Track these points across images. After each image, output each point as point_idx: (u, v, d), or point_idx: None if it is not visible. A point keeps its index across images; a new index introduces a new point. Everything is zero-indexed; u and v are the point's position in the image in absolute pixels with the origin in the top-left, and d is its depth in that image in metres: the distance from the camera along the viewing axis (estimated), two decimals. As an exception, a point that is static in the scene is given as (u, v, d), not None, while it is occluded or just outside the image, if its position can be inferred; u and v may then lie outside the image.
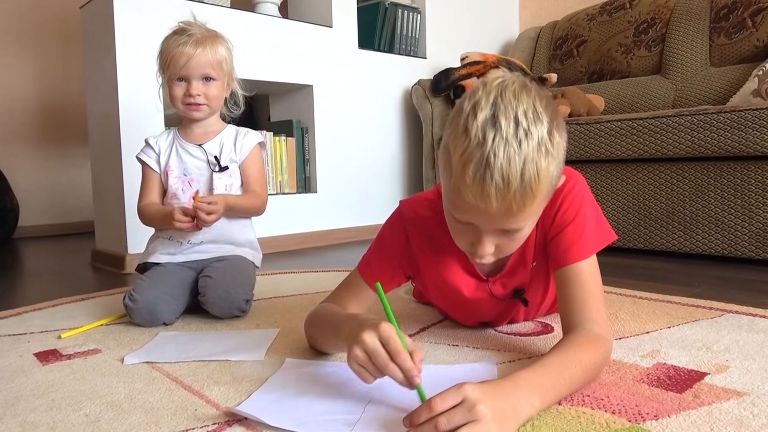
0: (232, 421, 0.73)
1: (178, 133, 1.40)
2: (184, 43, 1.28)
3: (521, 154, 0.69)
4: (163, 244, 1.36)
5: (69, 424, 0.74)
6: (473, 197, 0.72)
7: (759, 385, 0.78)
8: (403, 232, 0.99)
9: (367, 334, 0.71)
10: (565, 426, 0.68)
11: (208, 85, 1.32)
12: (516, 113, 0.70)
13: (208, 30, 1.34)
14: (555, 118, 0.74)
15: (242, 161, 1.39)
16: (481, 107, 0.71)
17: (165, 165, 1.37)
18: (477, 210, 0.73)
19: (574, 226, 0.88)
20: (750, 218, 1.74)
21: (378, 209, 2.73)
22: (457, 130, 0.73)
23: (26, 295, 1.66)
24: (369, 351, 0.70)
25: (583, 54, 2.80)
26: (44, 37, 3.36)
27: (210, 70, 1.30)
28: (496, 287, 1.00)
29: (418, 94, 2.69)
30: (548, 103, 0.74)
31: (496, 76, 0.76)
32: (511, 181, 0.70)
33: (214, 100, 1.34)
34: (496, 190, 0.70)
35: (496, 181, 0.70)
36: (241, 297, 1.26)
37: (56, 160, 3.43)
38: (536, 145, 0.70)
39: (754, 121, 1.69)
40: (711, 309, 1.20)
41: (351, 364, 0.72)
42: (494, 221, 0.75)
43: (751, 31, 2.29)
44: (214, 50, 1.30)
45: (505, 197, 0.71)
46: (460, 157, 0.71)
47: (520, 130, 0.70)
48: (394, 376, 0.69)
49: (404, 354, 0.69)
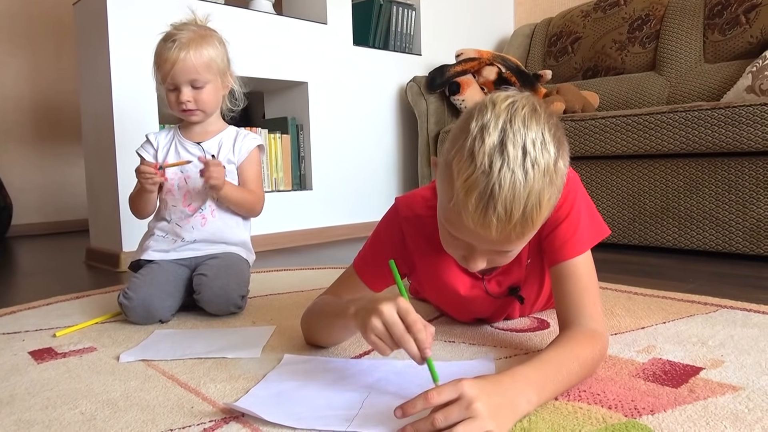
0: (228, 418, 0.73)
1: (179, 130, 1.40)
2: (168, 48, 1.25)
3: (527, 187, 0.68)
4: (156, 241, 1.35)
5: (64, 423, 0.74)
6: (473, 224, 0.71)
7: (754, 380, 0.79)
8: (399, 229, 0.99)
9: (386, 306, 0.72)
10: (562, 421, 0.68)
11: (198, 90, 1.29)
12: (524, 142, 0.68)
13: (197, 30, 1.30)
14: (561, 145, 0.73)
15: (240, 163, 1.38)
16: (489, 132, 0.69)
17: (162, 161, 1.37)
18: (475, 234, 0.73)
19: (568, 222, 0.89)
20: (744, 214, 1.75)
21: (373, 206, 2.73)
22: (463, 151, 0.70)
23: (20, 294, 1.65)
24: (387, 322, 0.71)
25: (578, 51, 2.81)
26: (37, 35, 3.34)
27: (196, 75, 1.27)
28: (492, 285, 1.00)
29: (413, 91, 2.69)
30: (556, 128, 0.73)
31: (507, 95, 0.73)
32: (513, 213, 0.69)
33: (207, 104, 1.32)
34: (498, 221, 0.69)
35: (498, 212, 0.69)
36: (236, 293, 1.26)
37: (50, 159, 3.41)
38: (541, 176, 0.69)
39: (747, 117, 1.69)
40: (706, 304, 1.20)
41: (368, 336, 0.73)
42: (490, 245, 0.76)
43: (744, 27, 2.29)
44: (198, 54, 1.26)
45: (505, 228, 0.70)
46: (464, 182, 0.69)
47: (527, 160, 0.68)
48: (408, 347, 0.70)
49: (420, 325, 0.70)
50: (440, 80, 2.62)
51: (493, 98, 0.73)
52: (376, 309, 0.72)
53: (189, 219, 1.34)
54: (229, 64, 1.36)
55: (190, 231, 1.34)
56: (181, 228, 1.34)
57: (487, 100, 0.73)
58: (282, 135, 2.47)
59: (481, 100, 0.75)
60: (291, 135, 2.50)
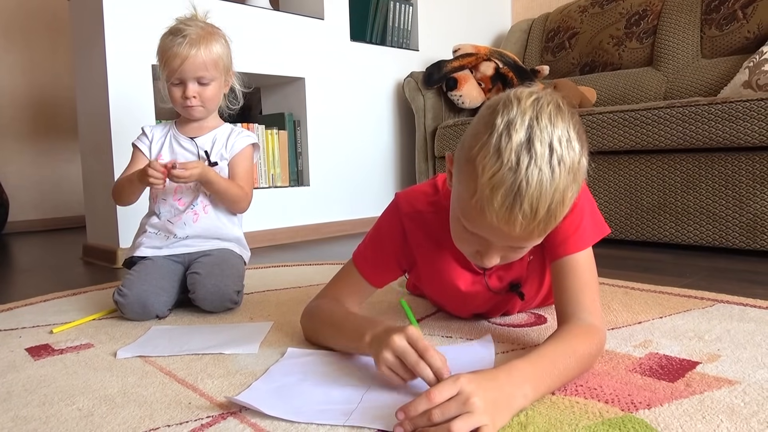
0: (226, 413, 0.73)
1: (175, 125, 1.40)
2: (178, 44, 1.25)
3: (553, 184, 0.68)
4: (149, 238, 1.35)
5: (62, 419, 0.74)
6: (497, 221, 0.70)
7: (750, 374, 0.79)
8: (400, 225, 0.99)
9: (396, 337, 0.73)
10: (559, 415, 0.68)
11: (204, 86, 1.30)
12: (551, 139, 0.68)
13: (205, 27, 1.31)
14: (584, 142, 0.73)
15: (232, 158, 1.37)
16: (516, 129, 0.68)
17: (156, 153, 1.37)
18: (497, 231, 0.72)
19: (571, 218, 0.88)
20: (741, 209, 1.75)
21: (371, 202, 2.73)
22: (488, 148, 0.69)
23: (17, 291, 1.64)
24: (399, 352, 0.72)
25: (575, 46, 2.81)
26: (32, 31, 3.32)
27: (204, 72, 1.28)
28: (492, 280, 1.00)
29: (411, 86, 2.68)
30: (580, 126, 0.73)
31: (531, 92, 0.72)
32: (539, 211, 0.69)
33: (210, 101, 1.33)
34: (523, 218, 0.69)
35: (524, 209, 0.68)
36: (232, 289, 1.25)
37: (46, 155, 3.40)
38: (567, 174, 0.69)
39: (744, 112, 1.69)
40: (702, 299, 1.21)
41: (381, 368, 0.74)
42: (510, 241, 0.76)
43: (741, 22, 2.29)
44: (208, 51, 1.28)
45: (530, 225, 0.70)
46: (490, 179, 0.68)
47: (554, 157, 0.68)
48: (424, 374, 0.70)
49: (432, 351, 0.71)
50: (437, 76, 2.61)
51: (518, 94, 0.72)
52: (386, 341, 0.73)
53: (181, 215, 1.33)
54: (231, 63, 1.37)
55: (182, 227, 1.34)
56: (173, 225, 1.34)
57: (512, 96, 0.72)
58: (279, 131, 2.46)
59: (503, 95, 0.74)
60: (288, 131, 2.50)
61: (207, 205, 1.35)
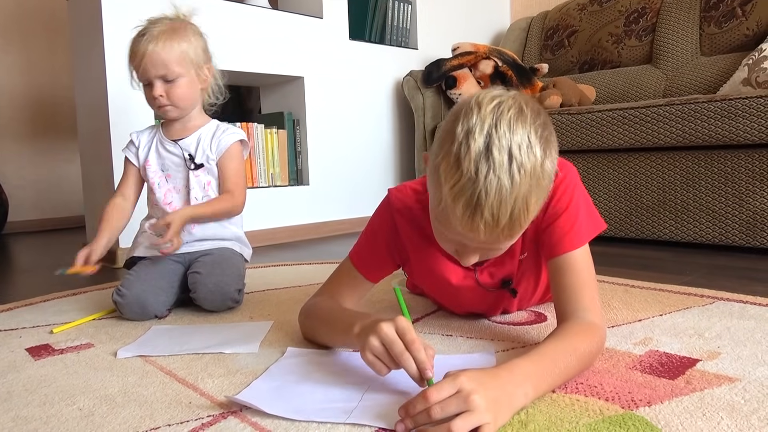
0: (226, 413, 0.73)
1: (161, 128, 1.38)
2: (138, 42, 1.23)
3: (513, 192, 0.69)
4: (149, 239, 1.35)
5: (62, 419, 0.74)
6: (461, 227, 0.72)
7: (750, 371, 0.79)
8: (392, 220, 1.00)
9: (385, 325, 0.72)
10: (559, 413, 0.68)
11: (171, 84, 1.25)
12: (510, 146, 0.68)
13: (172, 23, 1.26)
14: (548, 144, 0.73)
15: (219, 158, 1.34)
16: (475, 137, 0.69)
17: (144, 160, 1.35)
18: (465, 236, 0.74)
19: (566, 216, 0.89)
20: (740, 206, 1.75)
21: (370, 201, 2.72)
22: (449, 157, 0.71)
23: (17, 291, 1.64)
24: (386, 341, 0.71)
25: (574, 44, 2.80)
26: (30, 31, 3.32)
27: (165, 69, 1.23)
28: (483, 276, 1.00)
29: (410, 85, 2.68)
30: (543, 128, 0.72)
31: (493, 96, 0.72)
32: (500, 219, 0.70)
33: (182, 100, 1.28)
34: (485, 226, 0.71)
35: (486, 218, 0.70)
36: (233, 288, 1.25)
37: (45, 155, 3.40)
38: (528, 180, 0.69)
39: (744, 109, 1.69)
40: (702, 297, 1.21)
41: (366, 355, 0.73)
42: (479, 244, 0.77)
43: (740, 20, 2.29)
44: (168, 46, 1.22)
45: (493, 231, 0.71)
46: (451, 189, 0.70)
47: (514, 165, 0.68)
48: (407, 366, 0.69)
49: (419, 344, 0.70)
50: (437, 74, 2.61)
51: (479, 99, 0.72)
52: (374, 328, 0.72)
53: None
54: (207, 57, 1.32)
55: (180, 232, 1.33)
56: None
57: (473, 102, 0.72)
58: (278, 130, 2.46)
59: (467, 99, 0.74)
60: (287, 130, 2.50)
61: None
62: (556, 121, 2.14)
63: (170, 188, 1.34)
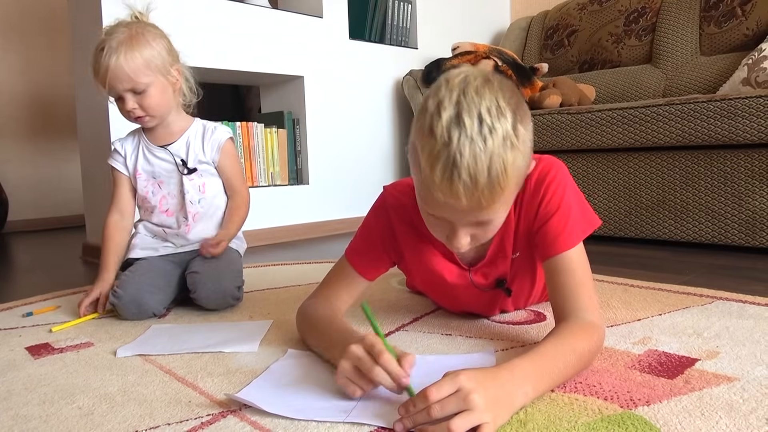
0: (226, 411, 0.73)
1: (144, 134, 1.34)
2: (99, 58, 1.19)
3: (487, 152, 0.70)
4: (144, 240, 1.35)
5: (62, 417, 0.74)
6: (443, 195, 0.73)
7: (749, 371, 0.79)
8: (387, 218, 1.01)
9: (353, 346, 0.72)
10: (558, 413, 0.68)
11: (141, 96, 1.21)
12: (479, 110, 0.70)
13: (128, 31, 1.20)
14: (519, 110, 0.74)
15: (218, 162, 1.34)
16: (445, 107, 0.71)
17: (133, 169, 1.33)
18: (448, 206, 0.74)
19: (558, 216, 0.89)
20: (739, 206, 1.75)
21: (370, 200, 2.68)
22: (423, 129, 0.73)
23: (17, 290, 1.64)
24: (355, 360, 0.71)
25: (574, 44, 2.80)
26: (30, 30, 3.32)
27: (132, 82, 1.19)
28: (477, 277, 1.00)
29: (410, 84, 2.68)
30: (512, 95, 0.74)
31: (459, 72, 0.75)
32: (478, 179, 0.70)
33: (157, 107, 1.24)
34: (464, 188, 0.71)
35: (464, 179, 0.70)
36: (232, 286, 1.25)
37: (45, 154, 3.40)
38: (501, 141, 0.70)
39: (743, 109, 1.69)
40: (701, 296, 1.21)
41: (338, 380, 0.73)
42: (466, 215, 0.76)
43: (740, 20, 2.29)
44: (130, 58, 1.17)
45: (473, 194, 0.71)
46: (428, 157, 0.72)
47: (484, 127, 0.70)
48: (381, 380, 0.69)
49: (388, 355, 0.69)
50: (436, 74, 2.61)
51: (447, 76, 0.75)
52: (344, 352, 0.73)
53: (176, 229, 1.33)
54: (172, 58, 1.26)
55: (176, 238, 1.34)
56: (167, 234, 1.34)
57: (441, 79, 0.75)
58: (278, 129, 2.46)
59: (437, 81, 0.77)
60: (287, 129, 2.50)
61: (196, 213, 1.33)
62: (556, 121, 2.14)
63: (164, 195, 1.33)
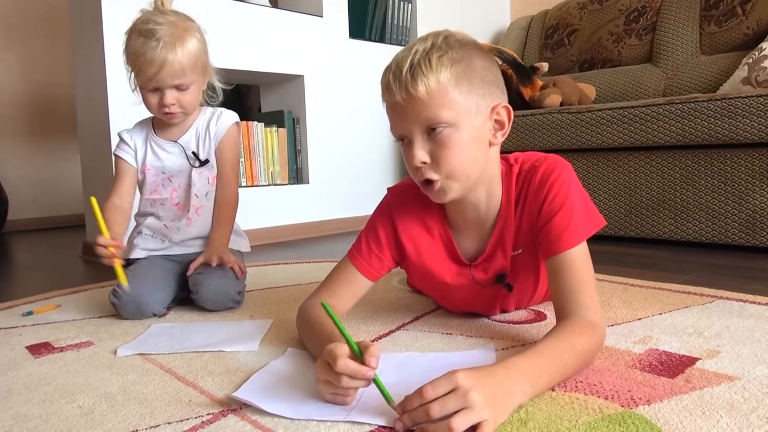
0: (226, 410, 0.73)
1: (153, 128, 1.33)
2: (152, 48, 1.14)
3: (416, 56, 0.83)
4: (144, 239, 1.34)
5: (62, 417, 0.74)
6: (383, 96, 0.89)
7: (749, 370, 0.79)
8: (390, 219, 1.02)
9: (318, 362, 0.72)
10: (559, 412, 0.68)
11: (183, 92, 1.21)
12: (431, 44, 0.85)
13: (177, 22, 1.18)
14: (463, 46, 0.85)
15: (217, 146, 1.31)
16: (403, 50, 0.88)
17: (142, 163, 1.32)
18: (391, 107, 0.88)
19: (562, 214, 0.88)
20: (740, 205, 1.75)
21: (370, 200, 2.72)
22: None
23: (17, 289, 1.64)
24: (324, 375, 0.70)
25: (574, 43, 2.80)
26: (31, 29, 3.32)
27: (182, 78, 1.18)
28: (478, 272, 1.00)
29: (410, 83, 2.67)
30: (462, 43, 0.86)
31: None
32: (402, 66, 0.83)
33: (190, 105, 1.24)
34: (393, 77, 0.84)
35: (392, 70, 0.85)
36: (234, 289, 1.25)
37: (45, 153, 3.40)
38: (430, 48, 0.83)
39: (744, 108, 1.69)
40: (702, 295, 1.21)
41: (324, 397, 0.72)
42: (409, 115, 0.85)
43: (740, 19, 2.29)
44: (185, 53, 1.16)
45: (399, 80, 0.83)
46: (380, 82, 0.89)
47: (428, 52, 0.83)
48: (349, 386, 0.69)
49: (342, 360, 0.68)
50: (437, 73, 2.60)
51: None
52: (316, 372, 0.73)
53: (177, 222, 1.32)
54: (209, 61, 1.27)
55: (176, 232, 1.33)
56: (169, 229, 1.33)
57: None
58: (278, 128, 2.46)
59: None
60: (287, 128, 2.50)
61: (199, 207, 1.33)
62: (556, 120, 2.14)
63: (175, 188, 1.32)
